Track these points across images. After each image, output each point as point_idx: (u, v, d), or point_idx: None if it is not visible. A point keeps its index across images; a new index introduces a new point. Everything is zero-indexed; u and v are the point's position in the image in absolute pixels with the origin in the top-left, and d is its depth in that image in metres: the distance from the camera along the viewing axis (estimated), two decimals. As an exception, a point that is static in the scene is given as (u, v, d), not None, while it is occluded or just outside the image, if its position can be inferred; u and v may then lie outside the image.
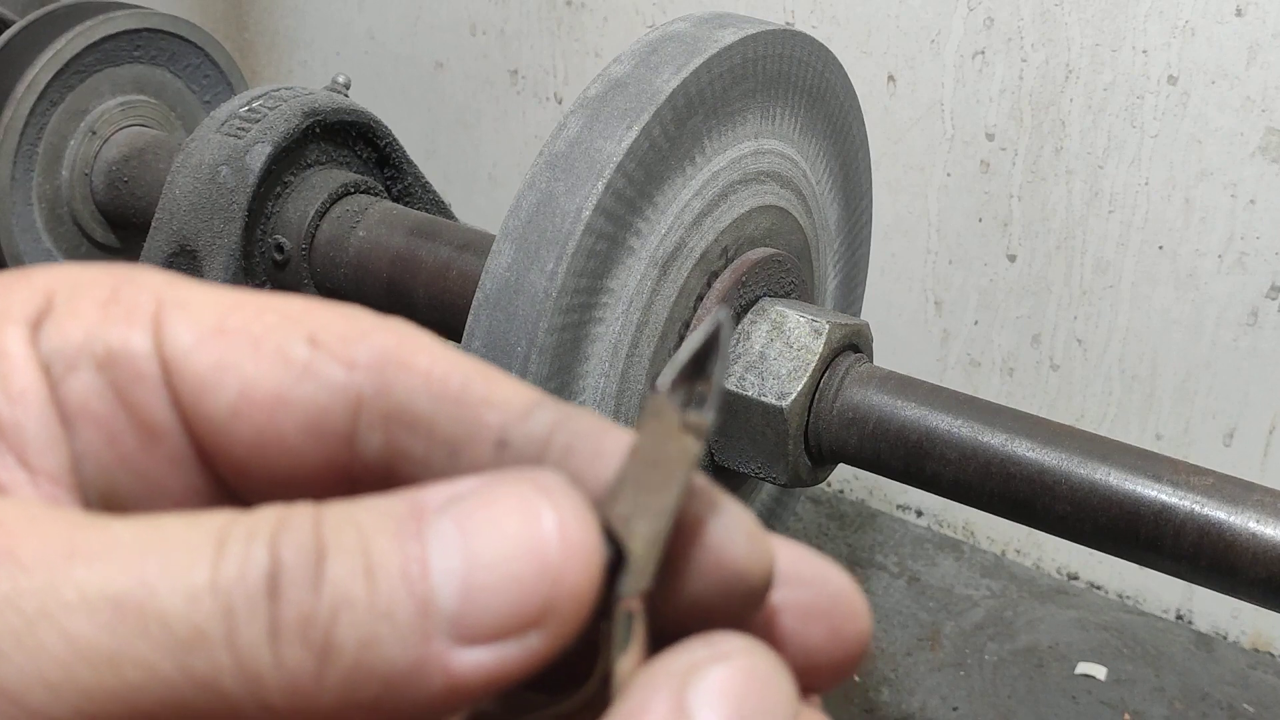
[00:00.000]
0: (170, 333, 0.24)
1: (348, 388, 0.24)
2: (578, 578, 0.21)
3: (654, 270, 0.87)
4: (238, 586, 0.20)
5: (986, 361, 1.53)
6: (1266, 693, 1.36)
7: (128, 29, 1.35)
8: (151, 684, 0.20)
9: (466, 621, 0.21)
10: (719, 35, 0.89)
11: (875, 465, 0.92)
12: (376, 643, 0.21)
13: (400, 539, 0.21)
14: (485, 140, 1.91)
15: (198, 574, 0.20)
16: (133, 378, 0.24)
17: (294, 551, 0.21)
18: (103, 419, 0.25)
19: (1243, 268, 1.32)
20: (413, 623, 0.21)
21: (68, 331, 0.24)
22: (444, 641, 0.21)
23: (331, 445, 0.25)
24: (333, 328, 0.25)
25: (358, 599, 0.21)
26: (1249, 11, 1.24)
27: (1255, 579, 0.77)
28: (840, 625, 0.25)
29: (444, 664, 0.21)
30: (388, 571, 0.21)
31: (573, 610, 0.21)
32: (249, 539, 0.21)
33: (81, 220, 1.36)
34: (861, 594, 0.25)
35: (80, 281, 0.25)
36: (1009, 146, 1.42)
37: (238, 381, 0.24)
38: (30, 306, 0.25)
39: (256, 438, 0.24)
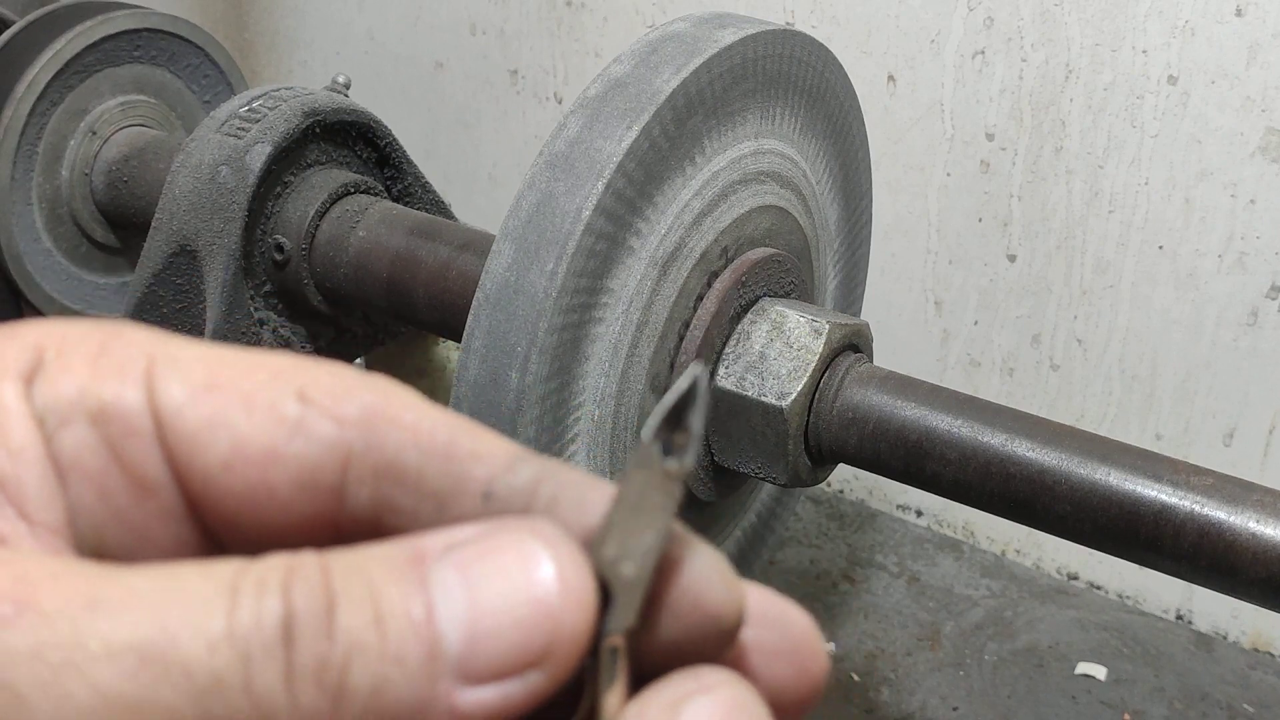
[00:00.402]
0: (162, 388, 0.25)
1: (338, 443, 0.25)
2: (576, 620, 0.23)
3: (654, 270, 0.87)
4: (254, 635, 0.21)
5: (986, 361, 1.53)
6: (1266, 693, 1.36)
7: (128, 29, 1.35)
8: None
9: (471, 664, 0.22)
10: (719, 35, 0.89)
11: (875, 465, 0.92)
12: (387, 686, 0.22)
13: (405, 586, 0.23)
14: (485, 140, 1.91)
15: (215, 623, 0.21)
16: (126, 432, 0.25)
17: (306, 599, 0.22)
18: (95, 473, 0.25)
19: (1243, 268, 1.32)
20: (421, 666, 0.22)
21: (60, 387, 0.25)
22: (450, 682, 0.22)
23: (321, 499, 0.25)
24: (321, 384, 0.26)
25: (369, 645, 0.22)
26: (1249, 11, 1.24)
27: (1255, 579, 0.77)
28: (803, 663, 0.27)
29: (450, 703, 0.22)
30: (396, 619, 0.22)
31: (571, 650, 0.23)
32: (260, 588, 0.22)
33: (81, 220, 1.36)
34: (820, 634, 0.27)
35: (69, 337, 0.26)
36: (1009, 146, 1.42)
37: (230, 437, 0.25)
38: (22, 361, 0.25)
39: (248, 491, 0.25)
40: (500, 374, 0.82)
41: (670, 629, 0.25)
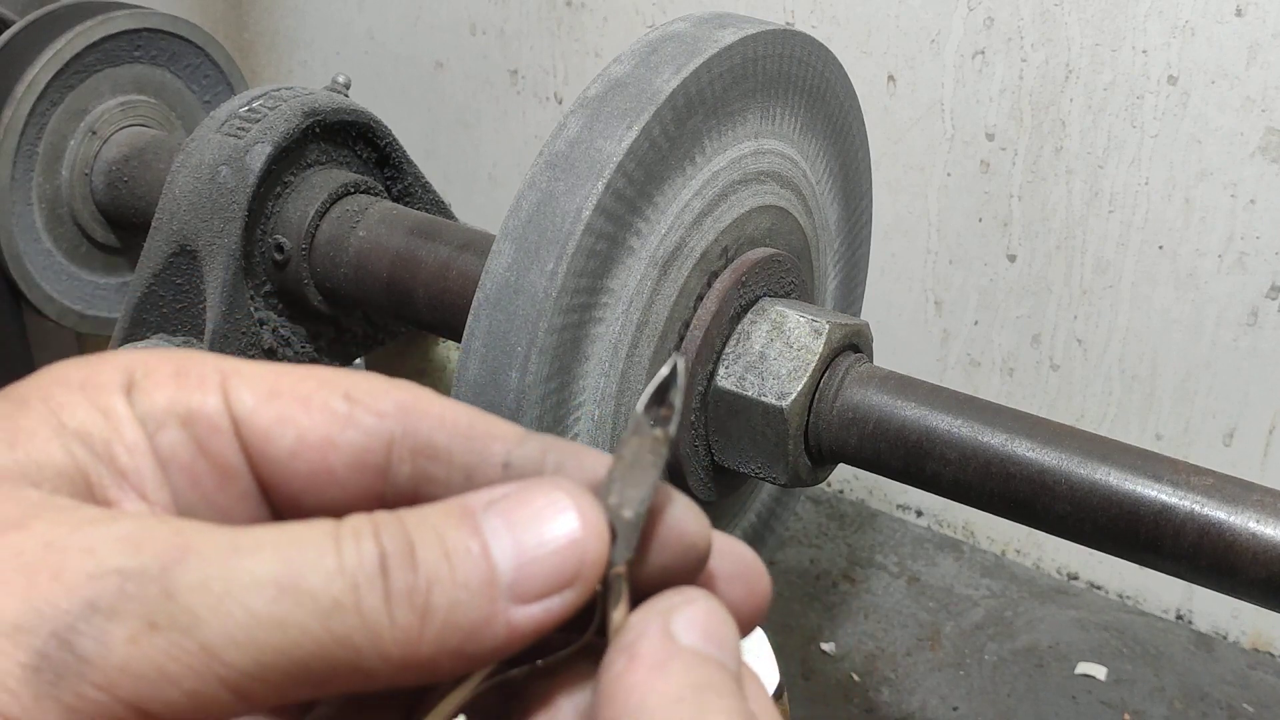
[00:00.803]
0: (235, 396, 0.32)
1: (380, 431, 0.32)
2: (597, 549, 0.30)
3: (654, 270, 0.87)
4: (359, 569, 0.28)
5: (986, 361, 1.53)
6: (1266, 693, 1.36)
7: (128, 29, 1.35)
8: (306, 640, 0.27)
9: (521, 587, 0.29)
10: (719, 35, 0.89)
11: (875, 465, 0.92)
12: (459, 605, 0.28)
13: (463, 530, 0.29)
14: (485, 140, 1.91)
15: (328, 560, 0.28)
16: (210, 432, 0.32)
17: (392, 542, 0.29)
18: (187, 465, 0.32)
19: (1243, 268, 1.32)
20: (483, 590, 0.29)
21: (154, 398, 0.32)
22: (505, 602, 0.29)
23: (370, 477, 0.32)
24: (361, 387, 0.33)
25: (443, 575, 0.29)
26: (1249, 11, 1.24)
27: (1255, 579, 0.77)
28: (753, 586, 0.34)
29: (507, 618, 0.29)
30: (460, 554, 0.29)
31: (595, 573, 0.30)
32: (357, 535, 0.29)
33: (81, 220, 1.36)
34: (763, 563, 0.35)
35: (149, 360, 0.32)
36: (1009, 146, 1.42)
37: (295, 431, 0.32)
38: (118, 380, 0.32)
39: (311, 473, 0.32)
40: (500, 374, 0.82)
41: (659, 557, 0.32)
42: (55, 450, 0.30)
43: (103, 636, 0.26)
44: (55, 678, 0.26)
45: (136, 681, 0.26)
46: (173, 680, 0.26)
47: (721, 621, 0.31)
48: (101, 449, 0.31)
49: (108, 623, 0.26)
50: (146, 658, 0.26)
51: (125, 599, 0.27)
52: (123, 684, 0.26)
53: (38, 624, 0.26)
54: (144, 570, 0.27)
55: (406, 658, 0.28)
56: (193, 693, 0.26)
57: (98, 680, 0.26)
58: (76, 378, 0.32)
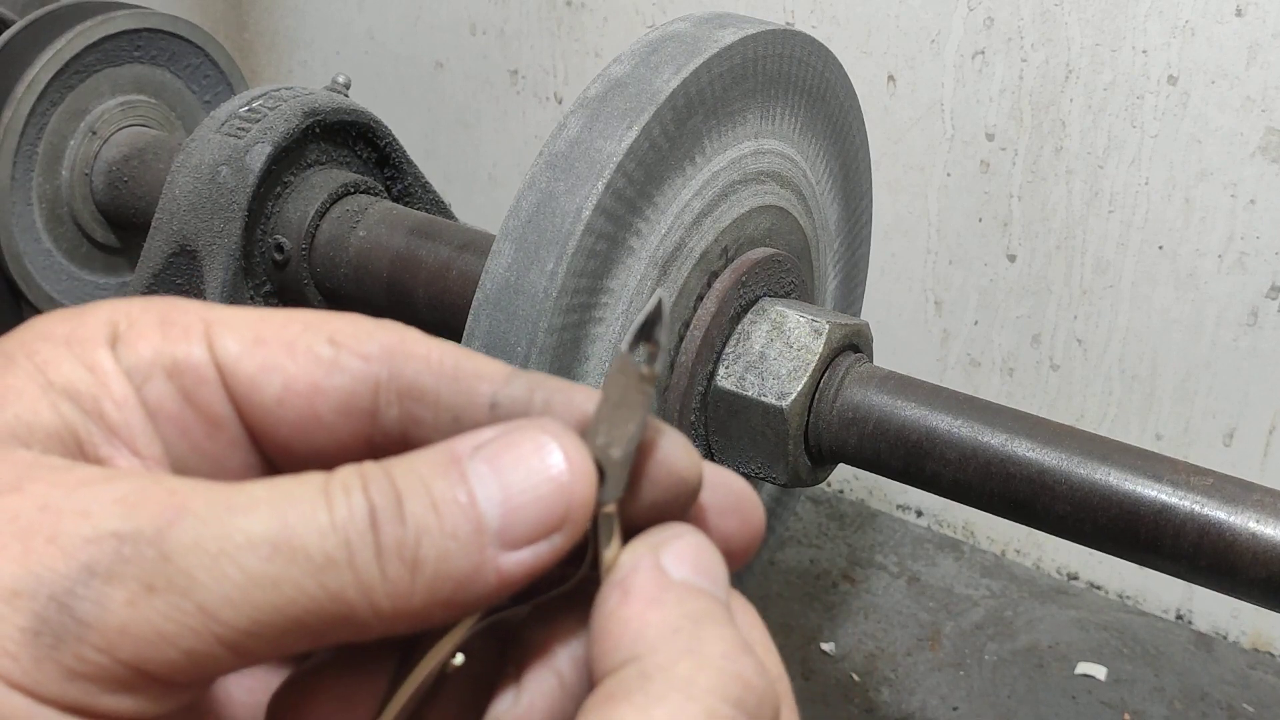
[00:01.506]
0: (220, 345, 0.32)
1: (366, 375, 0.32)
2: (584, 491, 0.30)
3: (654, 270, 0.87)
4: (350, 524, 0.28)
5: (986, 361, 1.53)
6: (1266, 693, 1.36)
7: (128, 29, 1.35)
8: (300, 597, 0.27)
9: (509, 533, 0.29)
10: (719, 35, 0.89)
11: (875, 465, 0.92)
12: (448, 556, 0.28)
13: (449, 479, 0.29)
14: (485, 140, 1.91)
15: (320, 517, 0.28)
16: (197, 382, 0.32)
17: (380, 496, 0.28)
18: (175, 416, 0.32)
19: (1243, 268, 1.32)
20: (472, 539, 0.29)
21: (139, 350, 0.31)
22: (494, 549, 0.29)
23: (357, 421, 0.32)
24: (345, 330, 0.32)
25: (432, 526, 0.28)
26: (1249, 11, 1.24)
27: (1255, 579, 0.77)
28: (746, 517, 0.33)
29: (496, 565, 0.29)
30: (447, 504, 0.29)
31: (582, 515, 0.30)
32: (346, 490, 0.28)
33: (81, 220, 1.36)
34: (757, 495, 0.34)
35: (132, 311, 0.32)
36: (1009, 146, 1.42)
37: (281, 378, 0.32)
38: (102, 333, 0.31)
39: (299, 420, 0.32)
40: (500, 374, 0.82)
41: (651, 492, 0.31)
42: (44, 409, 0.30)
43: (101, 600, 0.27)
44: (55, 641, 0.26)
45: (135, 643, 0.27)
46: (171, 641, 0.27)
47: (710, 554, 0.31)
48: (90, 405, 0.31)
49: (105, 586, 0.27)
50: (145, 620, 0.27)
51: (122, 562, 0.27)
52: (122, 646, 0.27)
53: (36, 588, 0.27)
54: (140, 532, 0.27)
55: (398, 610, 0.28)
56: (190, 651, 0.27)
57: (97, 643, 0.26)
58: (61, 332, 0.31)
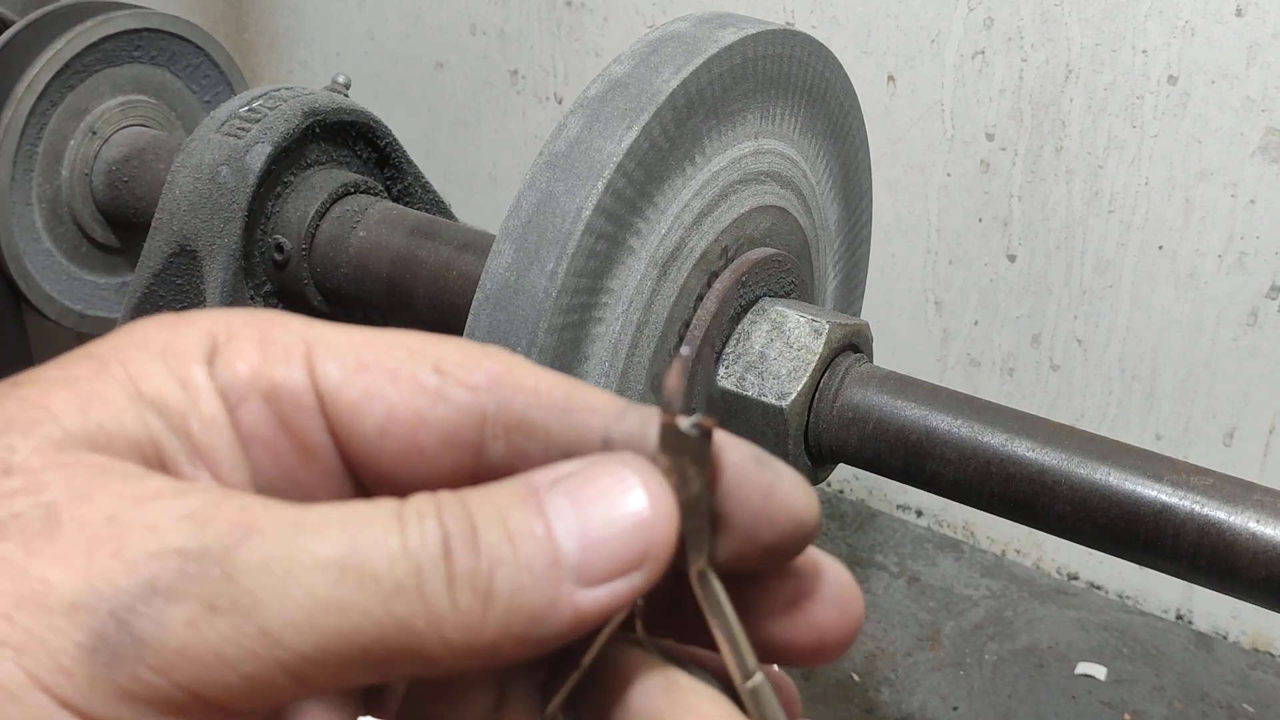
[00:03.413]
0: (321, 369, 0.31)
1: (473, 406, 0.30)
2: (666, 528, 0.28)
3: (654, 270, 0.87)
4: (423, 550, 0.27)
5: (986, 361, 1.53)
6: (1266, 693, 1.36)
7: (128, 29, 1.35)
8: (367, 624, 0.26)
9: (586, 569, 0.28)
10: (719, 35, 0.89)
11: (875, 465, 0.92)
12: (522, 589, 0.27)
13: (526, 511, 0.28)
14: (485, 140, 1.91)
15: (392, 541, 0.27)
16: (294, 407, 0.31)
17: (455, 523, 0.28)
18: (269, 441, 0.31)
19: (1243, 268, 1.32)
20: (547, 572, 0.28)
21: (237, 369, 0.30)
22: (570, 585, 0.28)
23: (462, 454, 0.31)
24: (451, 358, 0.31)
25: (506, 557, 0.27)
26: (1249, 11, 1.24)
27: (1255, 579, 0.77)
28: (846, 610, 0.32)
29: (572, 602, 0.28)
30: (523, 535, 0.28)
31: (664, 553, 0.29)
32: (420, 516, 0.28)
33: (81, 220, 1.36)
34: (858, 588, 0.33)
35: (232, 325, 0.31)
36: (1009, 146, 1.42)
37: (383, 407, 0.30)
38: (200, 348, 0.30)
39: (402, 451, 0.31)
40: (500, 374, 0.82)
41: (768, 532, 0.30)
42: (129, 419, 0.29)
43: (161, 618, 0.26)
44: (111, 659, 0.26)
45: (194, 665, 0.26)
46: (231, 664, 0.26)
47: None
48: (178, 422, 0.30)
49: (167, 604, 0.26)
50: (205, 641, 0.26)
51: (185, 580, 0.26)
52: (180, 668, 0.26)
53: (96, 603, 0.26)
54: (206, 550, 0.26)
55: (469, 643, 0.27)
56: (250, 677, 0.26)
57: (154, 663, 0.26)
58: (158, 341, 0.30)
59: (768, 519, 0.30)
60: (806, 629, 0.31)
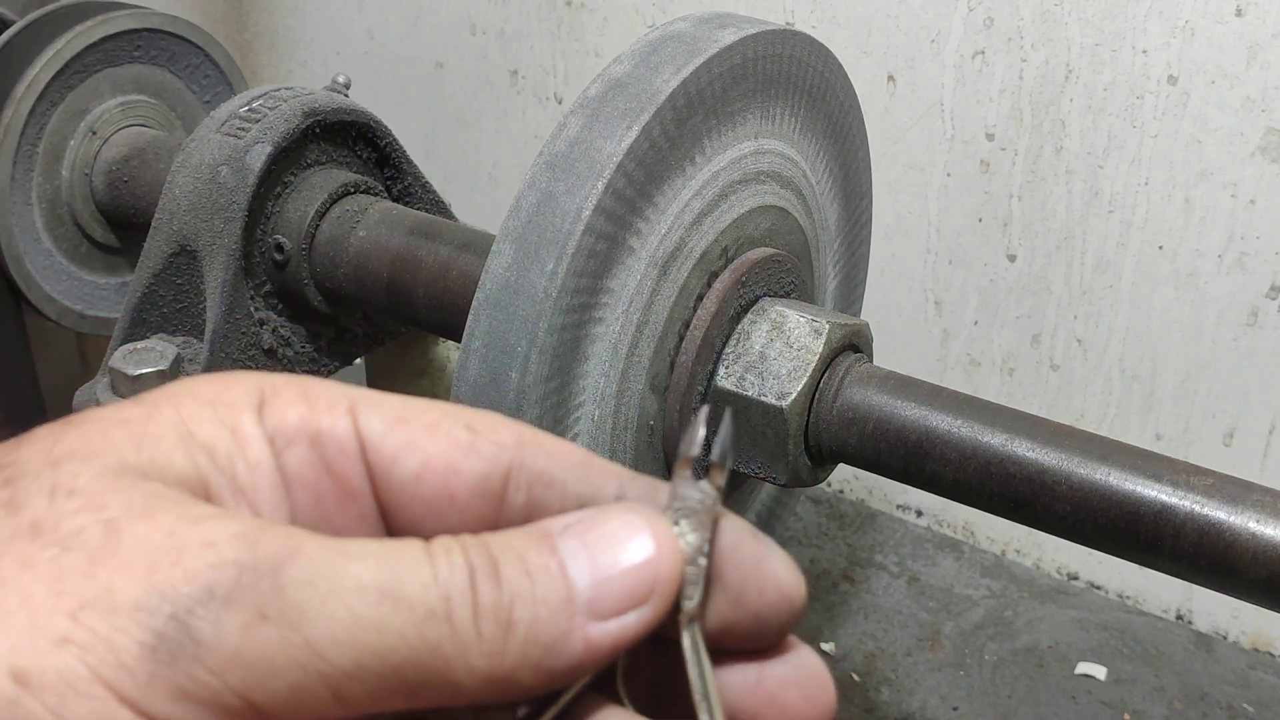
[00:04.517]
0: (364, 421, 0.33)
1: (501, 459, 0.33)
2: (670, 567, 0.31)
3: (654, 270, 0.87)
4: (451, 581, 0.29)
5: (986, 361, 1.53)
6: (1266, 693, 1.36)
7: (128, 29, 1.35)
8: (401, 646, 0.29)
9: (598, 604, 0.30)
10: (719, 35, 0.89)
11: (875, 465, 0.92)
12: (539, 621, 0.30)
13: (541, 551, 0.31)
14: (485, 140, 1.91)
15: (424, 571, 0.29)
16: (338, 452, 0.33)
17: (479, 559, 0.30)
18: (312, 484, 0.33)
19: (1243, 268, 1.32)
20: (562, 606, 0.30)
21: (286, 416, 0.33)
22: (583, 618, 0.30)
23: (487, 504, 0.33)
24: (482, 419, 0.34)
25: (525, 591, 0.30)
26: (1249, 11, 1.24)
27: (1255, 579, 0.77)
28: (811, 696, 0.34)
29: (585, 634, 0.30)
30: (539, 572, 0.30)
31: (670, 589, 0.31)
32: (447, 552, 0.30)
33: (81, 220, 1.36)
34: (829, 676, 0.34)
35: (276, 381, 0.34)
36: (1009, 146, 1.42)
37: (421, 456, 0.33)
38: (250, 399, 0.33)
39: (433, 497, 0.33)
40: (500, 374, 0.82)
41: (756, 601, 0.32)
42: (179, 457, 0.31)
43: (218, 621, 0.27)
44: (170, 658, 0.27)
45: (245, 670, 0.27)
46: (278, 672, 0.27)
47: None
48: (225, 463, 0.32)
49: (224, 609, 0.28)
50: (256, 647, 0.27)
51: (241, 589, 0.28)
52: (233, 671, 0.27)
53: (158, 605, 0.27)
54: (258, 565, 0.28)
55: (491, 670, 0.29)
56: (295, 686, 0.28)
57: (211, 664, 0.27)
58: (208, 392, 0.33)
59: (756, 585, 0.33)
60: (771, 708, 0.33)
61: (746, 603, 0.32)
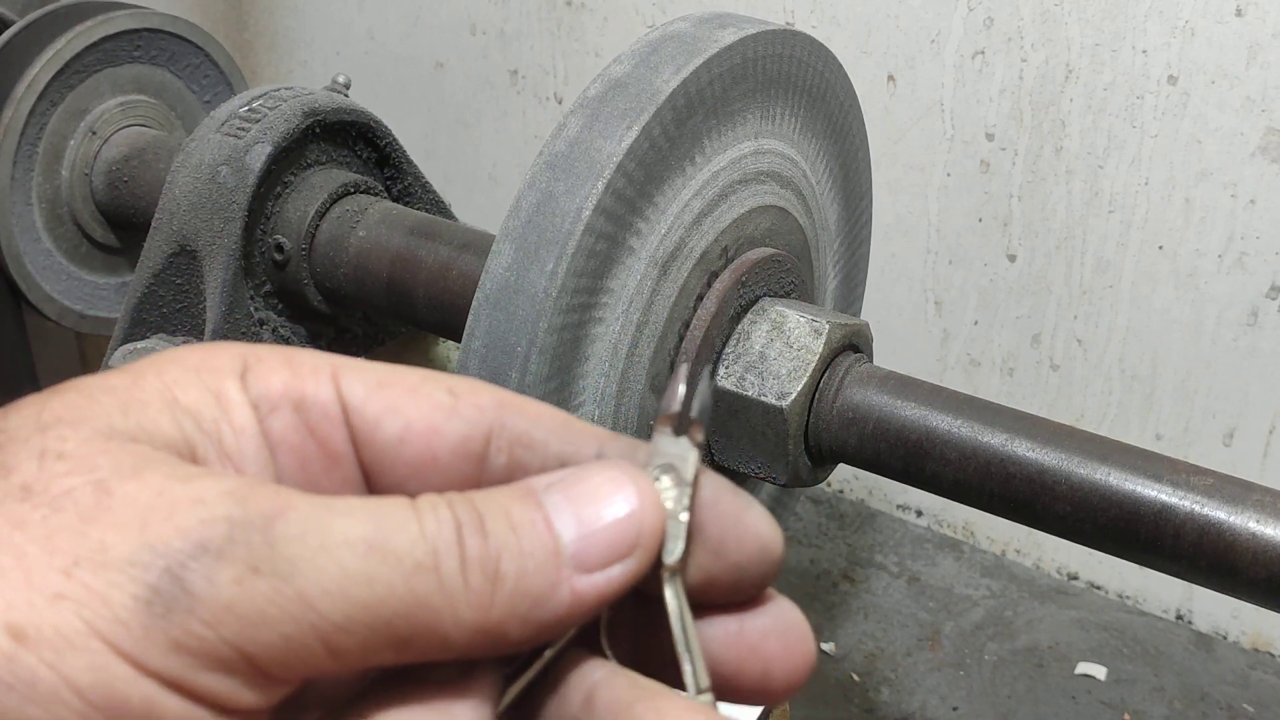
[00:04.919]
0: (346, 385, 0.34)
1: (481, 421, 0.34)
2: (654, 519, 0.32)
3: (654, 270, 0.87)
4: (438, 535, 0.30)
5: (986, 361, 1.53)
6: (1266, 693, 1.36)
7: (128, 29, 1.35)
8: (390, 598, 0.29)
9: (583, 556, 0.31)
10: (719, 35, 0.89)
11: (875, 465, 0.92)
12: (526, 573, 0.30)
13: (526, 506, 0.31)
14: (485, 140, 1.91)
15: (411, 526, 0.30)
16: (321, 417, 0.34)
17: (465, 513, 0.30)
18: (296, 448, 0.34)
19: (1243, 268, 1.32)
20: (548, 558, 0.30)
21: (270, 383, 0.33)
22: (569, 570, 0.31)
23: (469, 465, 0.34)
24: (461, 383, 0.34)
25: (511, 544, 0.30)
26: (1249, 11, 1.24)
27: (1255, 579, 0.77)
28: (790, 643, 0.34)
29: (571, 586, 0.30)
30: (525, 525, 0.31)
31: (654, 541, 0.32)
32: (433, 507, 0.30)
33: (81, 220, 1.36)
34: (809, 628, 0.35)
35: (260, 350, 0.34)
36: (1009, 146, 1.42)
37: (403, 419, 0.34)
38: (234, 366, 0.33)
39: (416, 459, 0.34)
40: (500, 374, 0.82)
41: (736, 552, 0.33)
42: (165, 422, 0.32)
43: (211, 575, 0.28)
44: (165, 611, 0.28)
45: (239, 622, 0.28)
46: (271, 624, 0.28)
47: None
48: (210, 428, 0.32)
49: (216, 562, 0.28)
50: (249, 599, 0.28)
51: (232, 543, 0.28)
52: (227, 623, 0.28)
53: (151, 560, 0.28)
54: (249, 520, 0.29)
55: (479, 622, 0.30)
56: (288, 638, 0.28)
57: (205, 616, 0.28)
58: (193, 360, 0.33)
59: (736, 538, 0.33)
60: (752, 658, 0.34)
61: (727, 555, 0.33)
